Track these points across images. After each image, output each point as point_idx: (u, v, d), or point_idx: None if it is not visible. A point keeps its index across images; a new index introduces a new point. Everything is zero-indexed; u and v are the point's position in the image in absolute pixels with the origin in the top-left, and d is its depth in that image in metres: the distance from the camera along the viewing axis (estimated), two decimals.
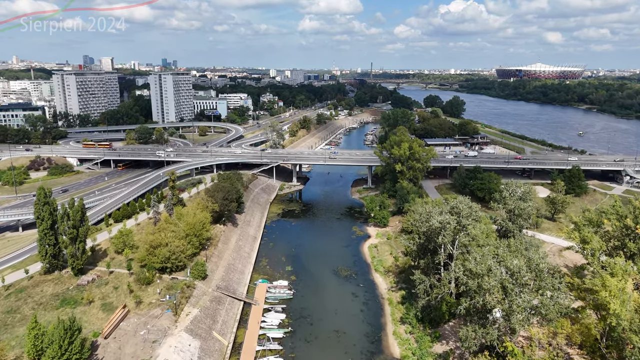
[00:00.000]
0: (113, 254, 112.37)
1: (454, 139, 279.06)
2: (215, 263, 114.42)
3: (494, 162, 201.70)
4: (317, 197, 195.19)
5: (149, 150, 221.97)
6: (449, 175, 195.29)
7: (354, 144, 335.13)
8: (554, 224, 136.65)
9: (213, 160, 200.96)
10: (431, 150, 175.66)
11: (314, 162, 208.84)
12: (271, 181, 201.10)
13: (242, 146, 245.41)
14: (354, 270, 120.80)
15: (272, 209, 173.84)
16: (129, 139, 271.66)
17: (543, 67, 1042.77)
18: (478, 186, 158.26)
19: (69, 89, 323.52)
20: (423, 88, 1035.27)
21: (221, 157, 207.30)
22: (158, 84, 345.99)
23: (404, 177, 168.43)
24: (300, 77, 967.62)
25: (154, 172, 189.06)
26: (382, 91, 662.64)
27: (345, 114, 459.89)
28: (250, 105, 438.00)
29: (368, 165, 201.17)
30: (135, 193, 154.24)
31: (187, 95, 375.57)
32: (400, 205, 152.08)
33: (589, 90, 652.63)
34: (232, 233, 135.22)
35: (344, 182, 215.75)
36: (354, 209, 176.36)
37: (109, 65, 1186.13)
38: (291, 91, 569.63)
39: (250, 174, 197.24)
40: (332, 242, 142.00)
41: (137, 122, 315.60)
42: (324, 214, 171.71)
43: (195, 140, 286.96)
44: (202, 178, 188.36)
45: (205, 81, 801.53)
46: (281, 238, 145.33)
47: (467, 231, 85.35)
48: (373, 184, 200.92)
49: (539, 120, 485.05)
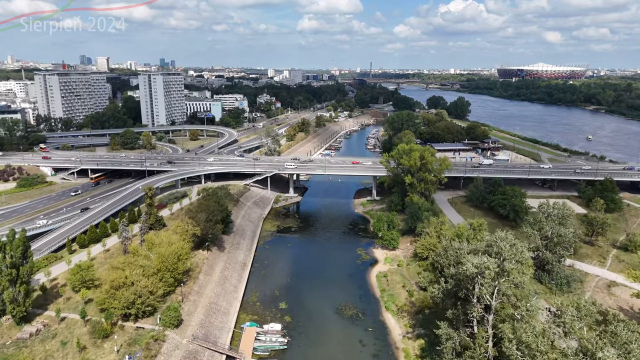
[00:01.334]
0: (70, 292, 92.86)
1: (463, 144, 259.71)
2: (194, 302, 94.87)
3: (511, 172, 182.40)
4: (317, 210, 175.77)
5: (132, 158, 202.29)
6: (462, 186, 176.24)
7: (355, 148, 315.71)
8: (593, 250, 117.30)
9: (201, 170, 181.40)
10: (445, 160, 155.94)
11: (313, 171, 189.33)
12: (265, 193, 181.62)
13: (235, 153, 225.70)
14: (360, 309, 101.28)
15: (266, 226, 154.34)
16: (113, 144, 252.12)
17: (545, 66, 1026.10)
18: (499, 202, 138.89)
19: (51, 91, 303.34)
20: (424, 88, 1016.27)
21: (210, 166, 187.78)
22: (147, 84, 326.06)
23: (414, 191, 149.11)
24: (298, 77, 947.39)
25: (135, 183, 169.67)
26: (383, 92, 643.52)
27: (345, 115, 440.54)
28: (246, 106, 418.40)
29: (372, 175, 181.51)
30: (108, 211, 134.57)
31: (179, 97, 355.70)
32: (412, 224, 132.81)
33: (595, 90, 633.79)
34: (217, 260, 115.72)
35: (346, 193, 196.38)
36: (358, 225, 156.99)
37: (104, 65, 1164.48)
38: (289, 92, 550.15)
39: (242, 185, 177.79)
40: (333, 269, 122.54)
41: (124, 126, 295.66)
42: (324, 231, 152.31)
43: (185, 146, 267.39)
44: (188, 190, 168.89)
45: (201, 81, 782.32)
46: (275, 264, 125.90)
47: (511, 277, 65.96)
48: (378, 194, 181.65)
49: (546, 121, 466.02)
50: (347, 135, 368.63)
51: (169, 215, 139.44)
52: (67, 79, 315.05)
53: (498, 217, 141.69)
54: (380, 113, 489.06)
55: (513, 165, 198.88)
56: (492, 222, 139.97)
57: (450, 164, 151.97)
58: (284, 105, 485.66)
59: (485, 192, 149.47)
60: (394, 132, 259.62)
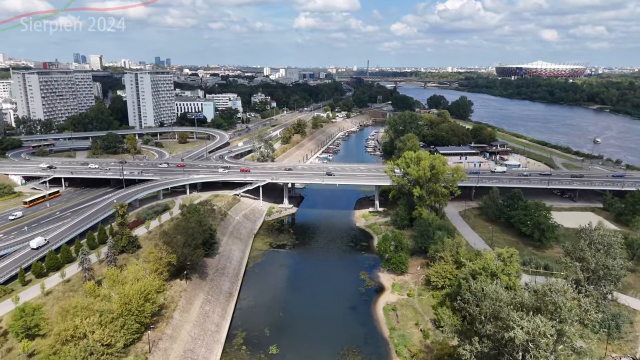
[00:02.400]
0: (13, 340, 76.01)
1: (469, 148, 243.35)
2: (165, 352, 78.09)
3: (528, 180, 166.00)
4: (314, 223, 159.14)
5: (112, 165, 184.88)
6: (473, 197, 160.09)
7: (354, 151, 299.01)
8: (636, 278, 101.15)
9: (186, 179, 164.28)
10: (459, 170, 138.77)
11: (309, 180, 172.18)
12: (257, 204, 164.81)
13: (225, 158, 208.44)
14: (366, 355, 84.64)
15: (257, 244, 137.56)
16: (94, 148, 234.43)
17: (544, 65, 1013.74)
18: (521, 219, 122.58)
19: (31, 90, 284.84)
20: (422, 87, 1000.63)
21: (196, 175, 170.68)
22: (134, 84, 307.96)
23: (423, 204, 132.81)
24: (295, 75, 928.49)
25: (112, 195, 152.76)
26: (381, 90, 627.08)
27: (343, 115, 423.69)
28: (240, 106, 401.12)
29: (375, 185, 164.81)
30: (73, 231, 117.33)
31: (169, 97, 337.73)
32: (422, 244, 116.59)
33: (598, 89, 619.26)
34: (197, 291, 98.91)
35: (346, 202, 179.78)
36: (360, 242, 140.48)
37: (97, 64, 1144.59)
38: (285, 91, 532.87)
39: (231, 196, 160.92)
40: (333, 299, 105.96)
41: (109, 128, 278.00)
42: (322, 250, 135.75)
43: (173, 149, 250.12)
44: (171, 203, 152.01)
45: (195, 80, 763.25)
46: (266, 292, 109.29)
47: (570, 343, 49.59)
48: (381, 205, 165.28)
49: (549, 122, 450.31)
50: (345, 136, 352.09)
51: (146, 234, 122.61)
52: (48, 77, 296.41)
53: (518, 235, 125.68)
54: (379, 113, 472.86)
55: (528, 172, 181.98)
56: (511, 241, 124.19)
57: (464, 175, 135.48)
58: (280, 104, 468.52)
59: (503, 206, 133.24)
60: (396, 135, 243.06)
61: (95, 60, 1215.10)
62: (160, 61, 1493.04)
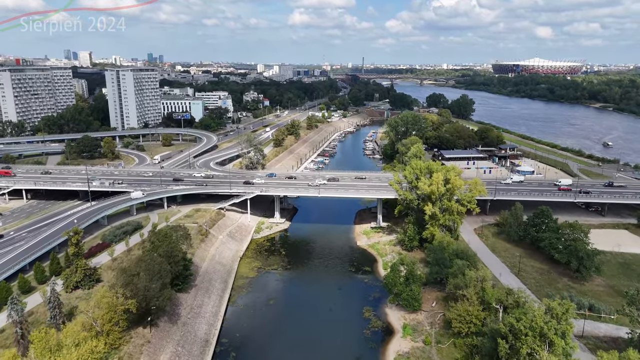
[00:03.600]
0: None
1: (477, 151, 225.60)
2: None
3: (552, 193, 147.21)
4: (309, 242, 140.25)
5: (83, 174, 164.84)
6: (488, 211, 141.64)
7: (351, 154, 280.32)
8: None
9: (163, 192, 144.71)
10: (477, 184, 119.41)
11: (303, 192, 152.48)
12: (244, 219, 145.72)
13: (211, 164, 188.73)
14: None
15: (243, 270, 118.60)
16: (68, 153, 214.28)
17: (542, 62, 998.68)
18: (553, 244, 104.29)
19: (2, 89, 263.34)
20: (418, 84, 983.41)
21: (176, 186, 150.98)
22: (116, 82, 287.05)
23: (436, 223, 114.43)
24: (289, 72, 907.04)
25: (79, 210, 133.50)
26: (378, 88, 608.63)
27: (339, 115, 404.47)
28: (230, 105, 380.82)
29: (378, 198, 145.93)
30: (20, 260, 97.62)
31: (154, 96, 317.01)
32: (438, 274, 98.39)
33: (600, 87, 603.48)
34: (164, 342, 79.86)
35: (345, 215, 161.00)
36: (362, 265, 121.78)
37: (87, 60, 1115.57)
38: (278, 88, 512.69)
39: (214, 211, 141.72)
40: (332, 349, 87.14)
41: (88, 129, 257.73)
42: (318, 277, 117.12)
43: (155, 153, 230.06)
44: (145, 219, 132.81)
45: (185, 77, 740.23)
46: (251, 337, 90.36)
47: None
48: (385, 219, 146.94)
49: (553, 121, 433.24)
50: (341, 137, 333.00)
51: (110, 261, 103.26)
52: (21, 75, 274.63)
53: (549, 261, 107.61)
54: (376, 112, 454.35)
55: (548, 183, 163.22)
56: (541, 269, 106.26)
57: (484, 190, 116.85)
58: (273, 103, 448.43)
59: (528, 225, 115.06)
60: (397, 137, 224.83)
61: (85, 57, 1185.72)
62: (153, 58, 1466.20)
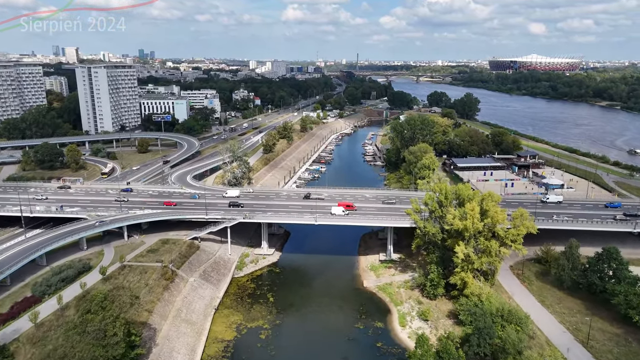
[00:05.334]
0: None
1: (493, 159, 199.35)
2: None
3: (601, 220, 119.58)
4: (303, 282, 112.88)
5: (32, 192, 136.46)
6: None
7: (350, 160, 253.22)
8: None
9: (123, 218, 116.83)
10: (523, 216, 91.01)
11: (297, 219, 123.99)
12: (224, 251, 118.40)
13: (187, 179, 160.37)
14: None
15: (218, 328, 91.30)
16: (24, 162, 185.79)
17: (539, 58, 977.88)
18: (630, 302, 77.88)
19: None
20: (414, 81, 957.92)
21: (140, 211, 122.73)
22: (87, 80, 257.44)
23: (470, 267, 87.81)
24: (282, 69, 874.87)
25: (10, 244, 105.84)
26: (375, 86, 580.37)
27: (335, 115, 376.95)
28: (217, 105, 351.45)
29: (390, 226, 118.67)
30: None
31: (132, 95, 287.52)
32: (480, 348, 72.05)
33: (605, 84, 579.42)
34: None
35: (347, 240, 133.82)
36: (372, 318, 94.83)
37: (73, 56, 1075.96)
38: (270, 86, 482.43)
39: (187, 242, 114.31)
40: None
41: (54, 134, 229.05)
42: (314, 339, 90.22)
43: (129, 161, 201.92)
44: (97, 255, 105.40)
45: (174, 74, 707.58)
46: None
47: None
48: (397, 248, 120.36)
49: (560, 121, 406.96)
50: (338, 140, 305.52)
51: (33, 329, 75.59)
52: None
53: (620, 321, 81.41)
54: (374, 111, 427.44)
55: (592, 202, 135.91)
56: (614, 334, 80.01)
57: (534, 227, 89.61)
58: (265, 102, 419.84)
59: (589, 270, 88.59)
60: (403, 143, 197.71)
61: (72, 53, 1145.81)
62: (145, 54, 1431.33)
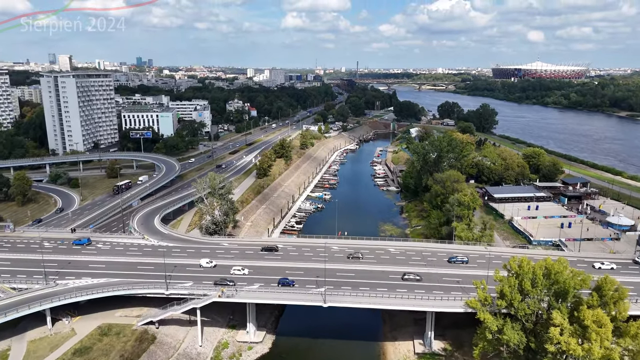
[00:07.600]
0: None
1: (534, 187, 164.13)
2: None
3: None
4: None
5: None
6: None
7: (358, 183, 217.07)
8: None
9: (45, 295, 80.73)
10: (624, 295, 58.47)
11: (296, 299, 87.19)
12: (191, 341, 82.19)
13: (156, 222, 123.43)
14: None
15: None
16: None
17: (544, 65, 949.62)
18: None
19: None
20: (416, 89, 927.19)
21: (72, 282, 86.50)
22: (53, 91, 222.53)
23: None
24: (280, 77, 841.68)
25: None
26: (378, 95, 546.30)
27: (338, 128, 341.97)
28: (208, 118, 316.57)
29: (431, 311, 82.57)
30: None
31: (107, 108, 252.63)
32: None
33: (623, 93, 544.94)
34: None
35: (365, 315, 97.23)
36: None
37: (67, 64, 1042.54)
38: (268, 95, 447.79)
39: (137, 330, 78.33)
40: None
41: (10, 155, 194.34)
42: None
43: (93, 190, 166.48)
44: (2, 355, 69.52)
45: (167, 82, 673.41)
46: None
47: None
48: (439, 334, 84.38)
49: (581, 134, 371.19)
50: (342, 158, 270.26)
51: None
52: None
53: None
54: (380, 123, 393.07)
55: None
56: None
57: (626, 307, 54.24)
58: (261, 113, 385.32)
59: None
60: (426, 168, 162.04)
61: (65, 61, 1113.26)
62: (142, 62, 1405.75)
